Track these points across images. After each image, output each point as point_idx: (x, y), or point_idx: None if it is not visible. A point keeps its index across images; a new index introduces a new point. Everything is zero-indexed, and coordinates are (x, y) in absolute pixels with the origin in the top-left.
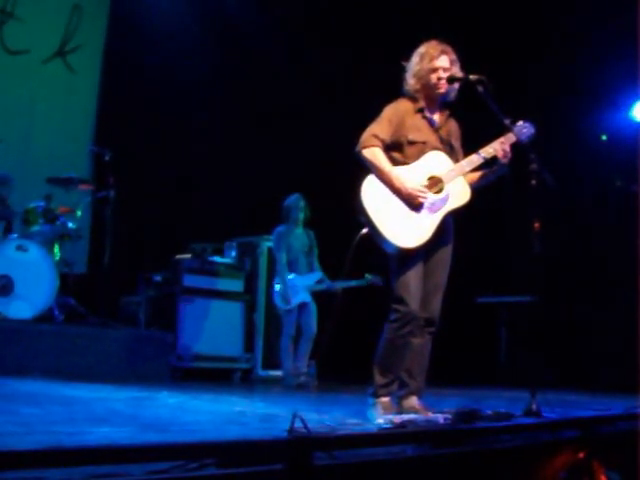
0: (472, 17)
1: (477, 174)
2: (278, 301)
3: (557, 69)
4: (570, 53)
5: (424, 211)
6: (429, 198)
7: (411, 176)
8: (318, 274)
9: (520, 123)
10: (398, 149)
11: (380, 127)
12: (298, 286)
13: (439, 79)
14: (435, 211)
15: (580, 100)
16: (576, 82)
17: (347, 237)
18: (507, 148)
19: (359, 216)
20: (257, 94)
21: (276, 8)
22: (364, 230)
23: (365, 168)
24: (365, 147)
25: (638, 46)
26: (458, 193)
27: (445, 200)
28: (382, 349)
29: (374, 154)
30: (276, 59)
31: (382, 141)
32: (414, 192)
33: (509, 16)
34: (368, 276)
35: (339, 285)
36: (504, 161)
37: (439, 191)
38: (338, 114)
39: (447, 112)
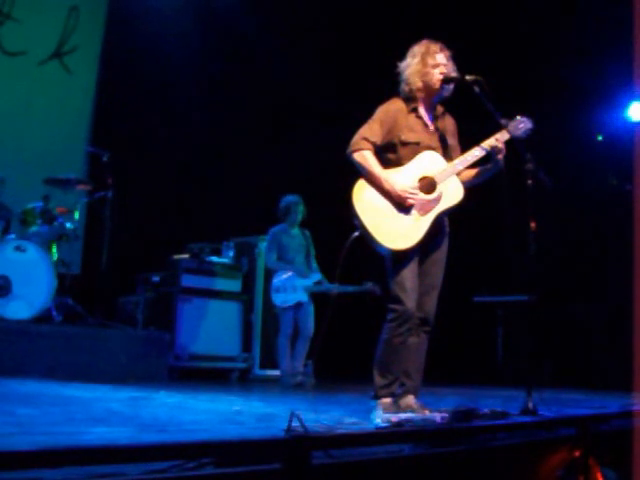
0: (470, 17)
1: (472, 172)
2: (276, 299)
3: (553, 69)
4: (566, 53)
5: (415, 212)
6: (420, 199)
7: (402, 178)
8: (317, 275)
9: (518, 118)
10: (392, 150)
11: (371, 130)
12: (297, 285)
13: (441, 74)
14: (427, 212)
15: (576, 100)
16: (572, 82)
17: (344, 239)
18: (501, 145)
19: (353, 219)
20: (255, 95)
21: (276, 8)
22: (356, 233)
23: (358, 170)
24: (355, 150)
25: (634, 46)
26: (451, 193)
27: (437, 200)
28: (381, 350)
29: (364, 157)
30: (275, 59)
31: (373, 144)
32: (403, 194)
33: (506, 17)
34: (368, 283)
35: (337, 289)
36: (498, 158)
37: (431, 191)
38: (336, 115)
39: (442, 109)
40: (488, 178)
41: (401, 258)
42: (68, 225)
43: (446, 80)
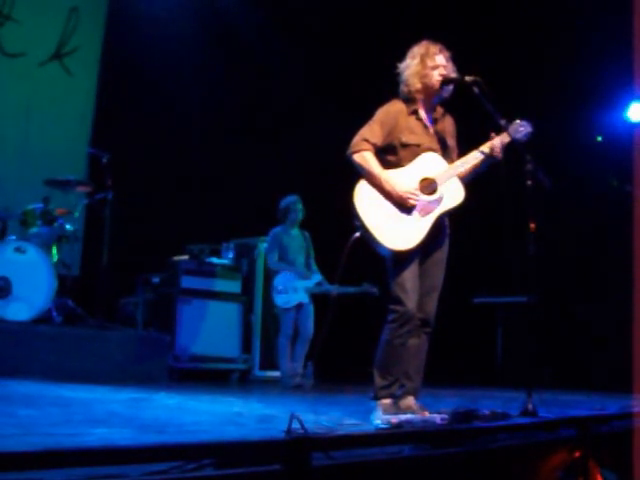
0: (470, 18)
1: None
2: (277, 300)
3: (553, 70)
4: (566, 54)
5: (416, 213)
6: (421, 200)
7: (403, 179)
8: (317, 276)
9: (517, 122)
10: (392, 152)
11: (371, 131)
12: (298, 287)
13: (440, 75)
14: (428, 213)
15: (576, 101)
16: (572, 83)
17: (343, 240)
18: (501, 146)
19: (353, 220)
20: (255, 96)
21: (276, 8)
22: (357, 234)
23: (358, 172)
24: (355, 152)
25: (633, 47)
26: (452, 194)
27: (438, 201)
28: (381, 351)
29: (364, 158)
30: (274, 60)
31: (373, 145)
32: (404, 195)
33: (506, 17)
34: (366, 285)
35: (336, 290)
36: (498, 158)
37: (432, 193)
38: (336, 115)
39: (442, 110)
40: (485, 169)
41: (402, 259)
42: (68, 226)
43: (445, 81)
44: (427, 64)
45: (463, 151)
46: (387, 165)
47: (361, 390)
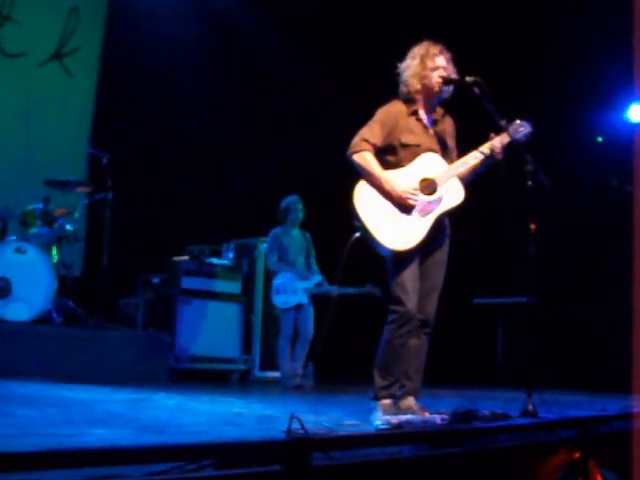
0: (470, 17)
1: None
2: (276, 300)
3: (553, 70)
4: (566, 54)
5: (416, 213)
6: (420, 200)
7: (402, 179)
8: (318, 277)
9: (517, 122)
10: (392, 152)
11: (371, 131)
12: (297, 287)
13: (440, 77)
14: (428, 213)
15: (576, 101)
16: (572, 83)
17: (343, 240)
18: (501, 147)
19: (353, 220)
20: (255, 96)
21: (276, 8)
22: (357, 234)
23: (358, 172)
24: (355, 152)
25: (634, 48)
26: (452, 194)
27: (438, 202)
28: (381, 351)
29: (364, 158)
30: (274, 61)
31: (373, 145)
32: (404, 195)
33: (506, 17)
34: (367, 286)
35: (337, 291)
36: (497, 158)
37: (432, 193)
38: (336, 116)
39: (442, 110)
40: (485, 169)
41: (402, 259)
42: (68, 227)
43: (445, 82)
44: (427, 65)
45: (463, 151)
46: (387, 165)
47: (361, 390)
